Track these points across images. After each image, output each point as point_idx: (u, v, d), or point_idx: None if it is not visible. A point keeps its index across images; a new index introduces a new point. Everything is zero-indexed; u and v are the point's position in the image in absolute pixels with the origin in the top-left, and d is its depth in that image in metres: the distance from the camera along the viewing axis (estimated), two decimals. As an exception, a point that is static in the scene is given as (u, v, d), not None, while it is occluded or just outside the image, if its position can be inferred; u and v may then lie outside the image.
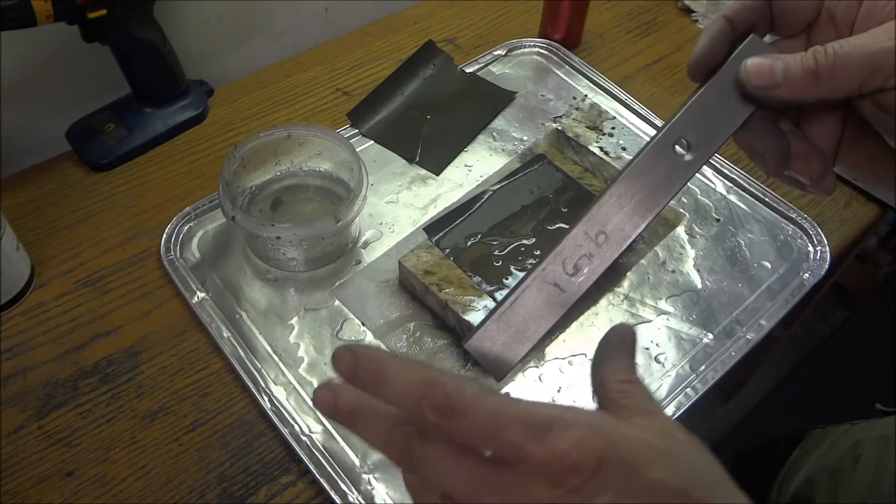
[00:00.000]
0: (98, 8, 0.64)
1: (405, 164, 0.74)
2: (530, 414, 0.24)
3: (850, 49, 0.28)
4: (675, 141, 0.31)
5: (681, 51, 0.89)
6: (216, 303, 0.61)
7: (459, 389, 0.24)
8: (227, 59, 0.85)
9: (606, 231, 0.31)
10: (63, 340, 0.59)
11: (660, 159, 0.31)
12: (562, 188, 0.67)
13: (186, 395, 0.57)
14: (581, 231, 0.30)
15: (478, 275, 0.60)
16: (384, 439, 0.27)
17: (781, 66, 0.30)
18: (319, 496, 0.52)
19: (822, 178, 0.33)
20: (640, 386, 0.29)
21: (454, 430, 0.24)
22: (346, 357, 0.26)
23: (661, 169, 0.31)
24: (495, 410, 0.24)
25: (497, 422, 0.24)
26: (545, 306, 0.30)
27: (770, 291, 0.65)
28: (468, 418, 0.24)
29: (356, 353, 0.26)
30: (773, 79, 0.30)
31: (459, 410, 0.24)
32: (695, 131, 0.31)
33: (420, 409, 0.24)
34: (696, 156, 0.31)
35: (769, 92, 0.30)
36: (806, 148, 0.33)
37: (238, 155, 0.63)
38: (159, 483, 0.52)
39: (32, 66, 0.71)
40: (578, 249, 0.30)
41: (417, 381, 0.25)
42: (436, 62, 0.83)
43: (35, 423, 0.55)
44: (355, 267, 0.65)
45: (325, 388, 0.27)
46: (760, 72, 0.30)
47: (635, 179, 0.31)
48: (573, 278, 0.30)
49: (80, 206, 0.69)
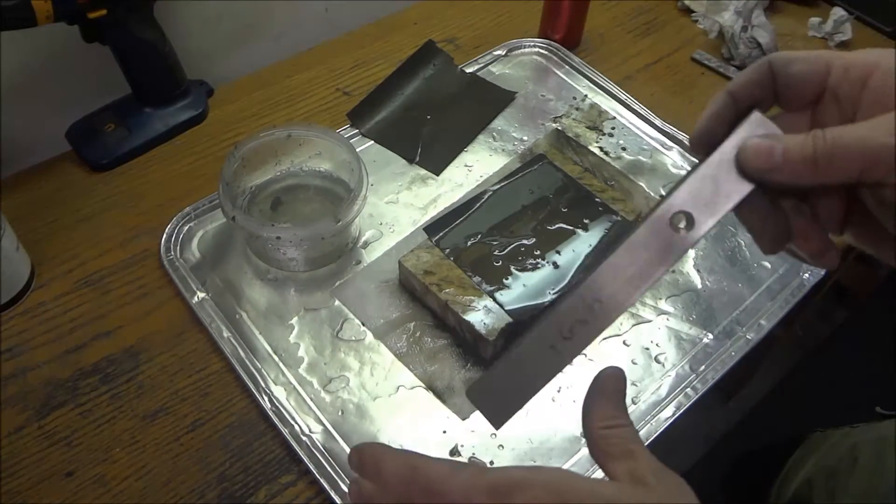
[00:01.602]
0: (98, 8, 0.64)
1: (405, 164, 0.74)
2: (495, 480, 0.29)
3: (848, 139, 0.28)
4: (673, 215, 0.31)
5: (681, 51, 0.89)
6: (216, 303, 0.61)
7: (436, 470, 0.30)
8: (227, 59, 0.85)
9: (602, 299, 0.31)
10: (63, 340, 0.59)
11: (656, 233, 0.31)
12: (562, 188, 0.67)
13: (186, 395, 0.57)
14: (578, 297, 0.32)
15: (478, 275, 0.60)
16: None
17: (781, 148, 0.29)
18: (319, 496, 0.52)
19: (823, 255, 0.32)
20: (622, 429, 0.31)
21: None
22: (354, 455, 0.33)
23: (657, 242, 0.31)
24: (469, 483, 0.29)
25: (467, 493, 0.29)
26: (541, 365, 0.32)
27: (770, 291, 0.65)
28: (446, 495, 0.29)
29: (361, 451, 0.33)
30: (773, 161, 0.30)
31: (438, 492, 0.29)
32: (693, 206, 0.31)
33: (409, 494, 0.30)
34: (693, 231, 0.31)
35: (768, 175, 0.30)
36: (807, 225, 0.32)
37: (238, 155, 0.63)
38: (159, 483, 0.52)
39: (32, 66, 0.71)
40: (574, 314, 0.32)
41: (404, 465, 0.31)
42: (436, 62, 0.83)
43: (35, 423, 0.55)
44: (355, 267, 0.65)
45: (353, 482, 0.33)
46: (759, 153, 0.30)
47: (632, 252, 0.31)
48: (567, 342, 0.32)
49: (80, 206, 0.69)
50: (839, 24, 0.91)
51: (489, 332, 0.57)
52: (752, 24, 0.86)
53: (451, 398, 0.57)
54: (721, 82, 0.85)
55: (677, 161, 0.75)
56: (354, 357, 0.59)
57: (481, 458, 0.54)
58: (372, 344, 0.60)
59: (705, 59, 0.87)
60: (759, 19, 0.86)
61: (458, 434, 0.55)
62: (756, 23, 0.86)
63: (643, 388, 0.58)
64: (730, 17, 0.88)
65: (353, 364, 0.59)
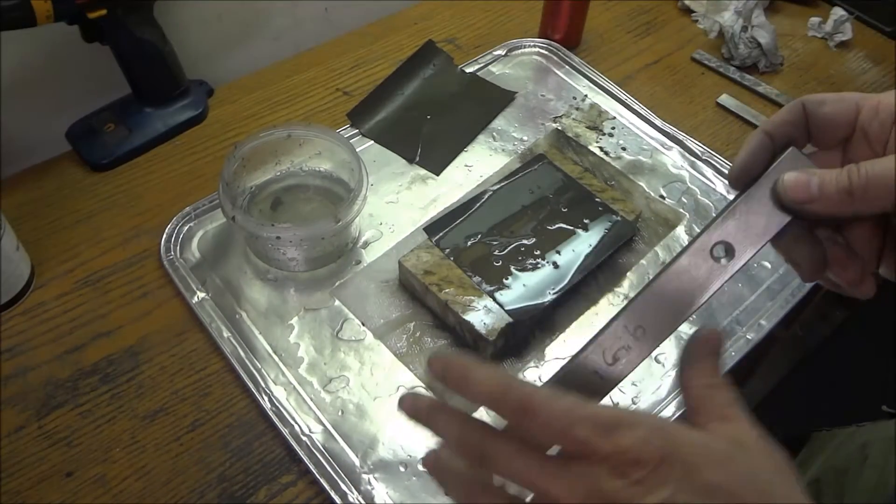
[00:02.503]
0: (98, 8, 0.64)
1: (405, 164, 0.74)
2: (598, 415, 0.27)
3: (880, 170, 0.30)
4: (713, 246, 0.33)
5: (681, 51, 0.89)
6: (216, 303, 0.61)
7: (532, 392, 0.28)
8: (227, 59, 0.85)
9: (645, 326, 0.33)
10: (63, 340, 0.59)
11: (697, 263, 0.33)
12: (562, 188, 0.67)
13: (186, 395, 0.57)
14: (621, 324, 0.33)
15: (478, 275, 0.60)
16: (457, 435, 0.30)
17: (817, 181, 0.31)
18: (319, 496, 0.52)
19: (860, 283, 0.34)
20: (720, 390, 0.31)
21: (528, 427, 0.27)
22: (438, 363, 0.31)
23: (698, 272, 0.33)
24: (566, 411, 0.27)
25: (567, 421, 0.27)
26: (586, 391, 0.32)
27: (770, 291, 0.65)
28: (541, 417, 0.27)
29: (446, 360, 0.30)
30: (809, 194, 0.31)
31: (532, 410, 0.27)
32: (733, 237, 0.33)
33: (496, 406, 0.28)
34: (732, 261, 0.33)
35: (805, 206, 0.32)
36: (843, 254, 0.34)
37: (238, 155, 0.63)
38: (159, 483, 0.52)
39: (32, 66, 0.71)
40: (618, 341, 0.33)
41: (496, 384, 0.28)
42: (436, 62, 0.83)
43: (35, 423, 0.55)
44: (355, 267, 0.65)
45: (410, 396, 0.32)
46: (797, 186, 0.32)
47: (674, 280, 0.33)
48: (612, 367, 0.33)
49: (80, 206, 0.69)
50: (839, 24, 0.91)
51: (489, 332, 0.57)
52: (752, 24, 0.86)
53: (451, 398, 0.57)
54: (721, 82, 0.85)
55: (677, 161, 0.75)
56: (354, 357, 0.59)
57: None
58: (372, 344, 0.60)
59: (705, 59, 0.87)
60: (759, 19, 0.86)
61: (458, 434, 0.55)
62: (756, 23, 0.86)
63: (643, 389, 0.58)
64: (730, 17, 0.88)
65: (353, 364, 0.59)
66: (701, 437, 0.28)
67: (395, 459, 0.53)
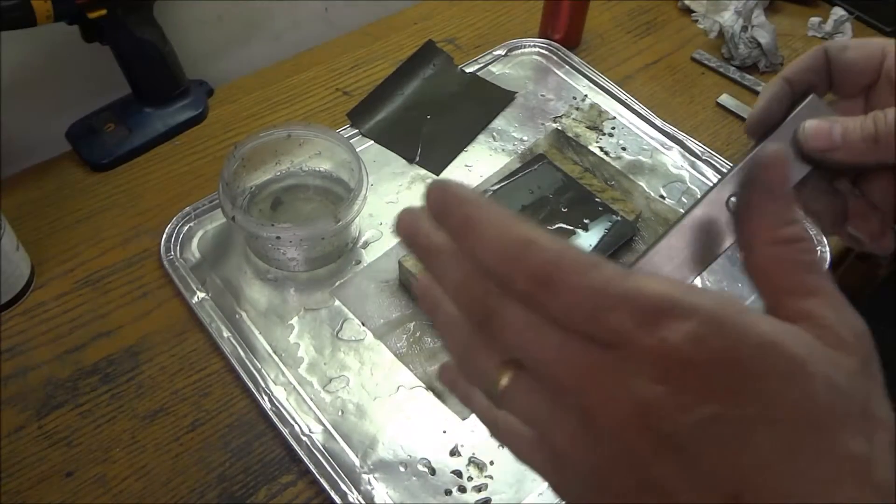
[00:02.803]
0: (98, 8, 0.64)
1: (405, 164, 0.74)
2: (642, 295, 0.20)
3: None
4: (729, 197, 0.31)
5: (681, 51, 0.89)
6: (216, 303, 0.61)
7: (559, 256, 0.20)
8: (227, 59, 0.85)
9: None
10: (63, 340, 0.59)
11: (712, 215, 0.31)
12: (562, 188, 0.67)
13: (186, 395, 0.57)
14: None
15: (478, 275, 0.60)
16: (457, 284, 0.23)
17: (840, 129, 0.30)
18: (319, 496, 0.52)
19: (881, 236, 0.33)
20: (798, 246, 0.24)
21: (547, 303, 0.21)
22: (437, 194, 0.23)
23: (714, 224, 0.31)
24: (599, 289, 0.20)
25: (600, 303, 0.20)
26: None
27: (770, 291, 0.65)
28: (565, 294, 0.20)
29: (447, 192, 0.22)
30: (832, 141, 0.30)
31: (555, 282, 0.20)
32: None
33: (510, 273, 0.21)
34: None
35: (827, 154, 0.30)
36: (864, 206, 0.33)
37: (238, 155, 0.63)
38: (159, 483, 0.52)
39: (32, 66, 0.71)
40: None
41: (511, 238, 0.21)
42: (436, 62, 0.83)
43: (35, 423, 0.55)
44: (355, 267, 0.65)
45: (409, 213, 0.24)
46: (819, 134, 0.30)
47: (688, 232, 0.30)
48: None
49: (80, 206, 0.69)
50: (839, 24, 0.91)
51: (489, 332, 0.56)
52: (752, 24, 0.86)
53: (451, 398, 0.57)
54: (721, 82, 0.85)
55: (677, 161, 0.75)
56: (354, 357, 0.59)
57: (481, 458, 0.54)
58: (372, 344, 0.60)
59: (705, 59, 0.87)
60: (759, 19, 0.86)
61: (458, 434, 0.55)
62: (756, 23, 0.86)
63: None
64: (730, 17, 0.88)
65: (353, 364, 0.59)
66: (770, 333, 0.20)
67: (395, 459, 0.53)
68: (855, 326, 0.23)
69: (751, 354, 0.20)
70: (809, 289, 0.23)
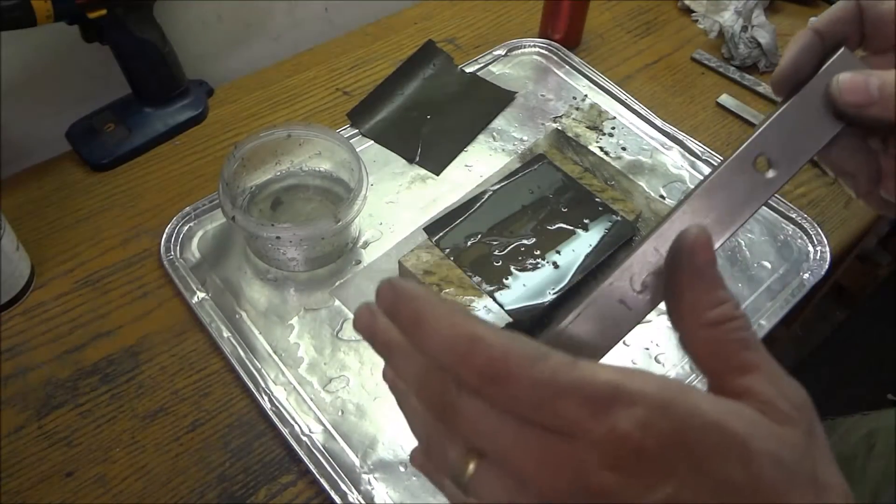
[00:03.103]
0: (98, 8, 0.64)
1: (405, 164, 0.74)
2: (589, 384, 0.21)
3: None
4: (756, 157, 0.29)
5: (681, 51, 0.89)
6: (216, 303, 0.61)
7: (505, 351, 0.21)
8: (227, 59, 0.85)
9: None
10: (63, 340, 0.59)
11: (738, 176, 0.29)
12: (562, 188, 0.67)
13: (186, 395, 0.57)
14: (651, 247, 0.28)
15: (478, 275, 0.60)
16: (417, 379, 0.24)
17: (877, 82, 0.29)
18: (319, 496, 0.52)
19: None
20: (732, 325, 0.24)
21: (497, 397, 0.21)
22: (387, 293, 0.23)
23: (740, 186, 0.29)
24: (548, 381, 0.21)
25: (549, 393, 0.21)
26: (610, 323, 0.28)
27: (770, 291, 0.65)
28: (514, 387, 0.21)
29: (396, 290, 0.23)
30: (868, 95, 0.28)
31: (503, 377, 0.21)
32: (777, 148, 0.29)
33: (459, 369, 0.21)
34: (778, 174, 0.29)
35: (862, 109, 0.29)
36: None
37: (238, 155, 0.63)
38: (159, 483, 0.52)
39: (32, 66, 0.71)
40: (647, 266, 0.28)
41: (458, 334, 0.21)
42: (436, 62, 0.83)
43: (35, 423, 0.55)
44: (355, 267, 0.65)
45: (367, 309, 0.25)
46: (854, 88, 0.29)
47: (712, 195, 0.29)
48: (640, 295, 0.28)
49: (80, 206, 0.69)
50: (839, 24, 0.91)
51: (489, 332, 0.56)
52: (752, 24, 0.86)
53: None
54: (721, 82, 0.85)
55: (677, 161, 0.75)
56: (354, 357, 0.59)
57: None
58: (372, 344, 0.60)
59: (705, 59, 0.87)
60: (759, 19, 0.86)
61: (458, 434, 0.55)
62: (756, 23, 0.86)
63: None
64: (730, 17, 0.88)
65: (353, 364, 0.59)
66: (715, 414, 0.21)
67: (395, 459, 0.53)
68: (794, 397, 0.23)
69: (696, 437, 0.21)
70: (746, 366, 0.23)
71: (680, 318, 0.25)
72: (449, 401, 0.22)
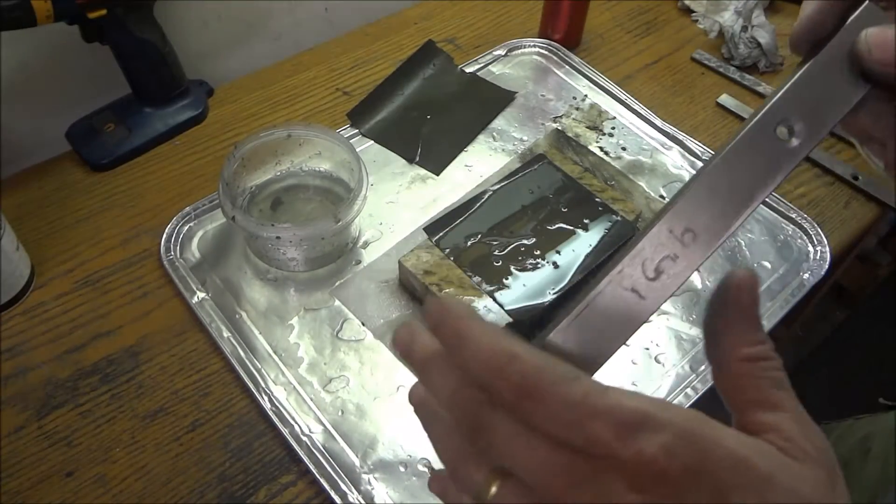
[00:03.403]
0: (98, 8, 0.64)
1: (405, 164, 0.74)
2: (618, 408, 0.22)
3: None
4: (777, 124, 0.27)
5: (681, 51, 0.89)
6: (216, 303, 0.61)
7: (540, 370, 0.22)
8: (227, 59, 0.85)
9: (694, 229, 0.26)
10: (63, 340, 0.59)
11: (758, 145, 0.27)
12: (562, 188, 0.67)
13: (186, 395, 0.57)
14: (664, 229, 0.26)
15: (478, 275, 0.60)
16: (449, 396, 0.24)
17: None
18: (319, 496, 0.52)
19: None
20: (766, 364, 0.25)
21: (530, 412, 0.22)
22: (435, 308, 0.24)
23: (760, 156, 0.26)
24: (580, 402, 0.22)
25: (581, 414, 0.21)
26: (622, 313, 0.26)
27: (770, 291, 0.65)
28: (546, 405, 0.22)
29: (444, 307, 0.24)
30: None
31: (538, 394, 0.22)
32: (799, 113, 0.27)
33: (495, 384, 0.22)
34: (802, 142, 0.27)
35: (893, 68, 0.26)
36: None
37: (238, 155, 0.63)
38: (159, 483, 0.52)
39: (32, 66, 0.71)
40: (661, 249, 0.26)
41: (497, 351, 0.22)
42: (436, 62, 0.83)
43: (35, 423, 0.55)
44: (355, 267, 0.65)
45: (407, 329, 0.26)
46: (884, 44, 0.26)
47: (730, 168, 0.26)
48: (654, 283, 0.26)
49: (80, 206, 0.69)
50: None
51: (489, 332, 0.56)
52: (752, 24, 0.86)
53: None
54: (721, 82, 0.85)
55: (677, 161, 0.75)
56: (354, 357, 0.59)
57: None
58: (372, 344, 0.60)
59: (705, 59, 0.87)
60: (759, 19, 0.86)
61: (458, 434, 0.55)
62: (756, 23, 0.86)
63: (643, 389, 0.58)
64: (730, 17, 0.88)
65: (353, 364, 0.59)
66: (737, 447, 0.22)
67: (395, 459, 0.53)
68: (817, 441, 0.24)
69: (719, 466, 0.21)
70: (775, 403, 0.24)
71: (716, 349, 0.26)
72: (481, 417, 0.23)
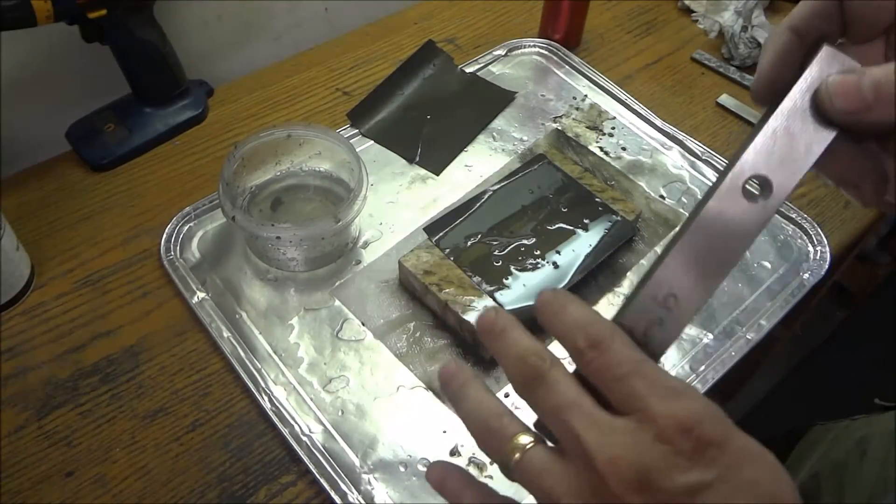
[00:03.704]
0: (98, 8, 0.64)
1: (405, 164, 0.74)
2: (664, 378, 0.26)
3: None
4: (745, 182, 0.27)
5: (681, 51, 0.89)
6: (216, 303, 0.61)
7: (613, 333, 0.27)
8: (227, 59, 0.85)
9: (676, 293, 0.28)
10: (63, 340, 0.59)
11: (728, 206, 0.27)
12: (562, 188, 0.67)
13: (186, 395, 0.57)
14: (648, 296, 0.28)
15: (478, 275, 0.60)
16: (518, 355, 0.29)
17: (870, 82, 0.25)
18: (319, 496, 0.52)
19: None
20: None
21: (592, 360, 0.27)
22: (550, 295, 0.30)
23: (732, 217, 0.27)
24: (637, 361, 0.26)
25: (633, 369, 0.26)
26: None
27: (770, 291, 0.65)
28: (608, 355, 0.26)
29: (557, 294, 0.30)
30: (863, 99, 0.25)
31: (604, 347, 0.27)
32: (767, 167, 0.27)
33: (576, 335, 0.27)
34: (772, 196, 0.27)
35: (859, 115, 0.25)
36: None
37: (238, 155, 0.63)
38: (159, 483, 0.52)
39: (32, 66, 0.71)
40: (645, 317, 0.28)
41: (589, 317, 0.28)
42: (436, 62, 0.83)
43: (35, 423, 0.55)
44: (355, 267, 0.65)
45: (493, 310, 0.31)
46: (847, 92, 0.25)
47: (703, 233, 0.27)
48: (645, 348, 0.28)
49: (80, 206, 0.69)
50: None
51: (489, 332, 0.56)
52: (752, 24, 0.86)
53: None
54: (721, 82, 0.85)
55: (677, 161, 0.75)
56: (354, 357, 0.59)
57: (482, 458, 0.54)
58: (372, 344, 0.60)
59: (705, 59, 0.87)
60: (759, 19, 0.86)
61: (459, 434, 0.55)
62: (756, 23, 0.86)
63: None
64: (730, 17, 0.88)
65: (353, 364, 0.59)
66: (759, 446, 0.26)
67: (395, 459, 0.53)
68: None
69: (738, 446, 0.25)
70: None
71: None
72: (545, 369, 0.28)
